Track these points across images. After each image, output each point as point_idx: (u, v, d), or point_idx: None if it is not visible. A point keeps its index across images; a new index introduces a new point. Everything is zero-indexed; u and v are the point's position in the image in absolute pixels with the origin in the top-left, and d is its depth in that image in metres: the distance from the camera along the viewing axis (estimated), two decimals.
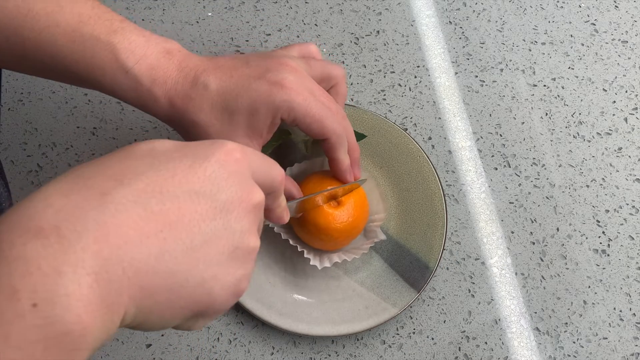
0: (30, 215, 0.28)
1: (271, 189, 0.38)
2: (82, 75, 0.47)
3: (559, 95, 0.69)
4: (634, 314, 0.60)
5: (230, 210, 0.33)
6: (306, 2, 0.73)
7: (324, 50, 0.71)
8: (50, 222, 0.27)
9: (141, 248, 0.29)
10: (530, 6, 0.74)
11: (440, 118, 0.68)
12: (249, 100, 0.48)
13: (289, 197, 0.53)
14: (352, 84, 0.69)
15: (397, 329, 0.58)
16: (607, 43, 0.72)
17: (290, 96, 0.48)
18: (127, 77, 0.47)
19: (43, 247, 0.27)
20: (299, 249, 0.56)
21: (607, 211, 0.64)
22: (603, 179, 0.65)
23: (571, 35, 0.73)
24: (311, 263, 0.56)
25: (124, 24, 0.47)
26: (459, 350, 0.58)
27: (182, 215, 0.31)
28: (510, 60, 0.71)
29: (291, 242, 0.56)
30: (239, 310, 0.59)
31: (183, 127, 0.50)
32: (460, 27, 0.73)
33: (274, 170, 0.38)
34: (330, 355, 0.57)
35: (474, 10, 0.74)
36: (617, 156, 0.66)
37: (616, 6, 0.75)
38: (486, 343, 0.58)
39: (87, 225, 0.28)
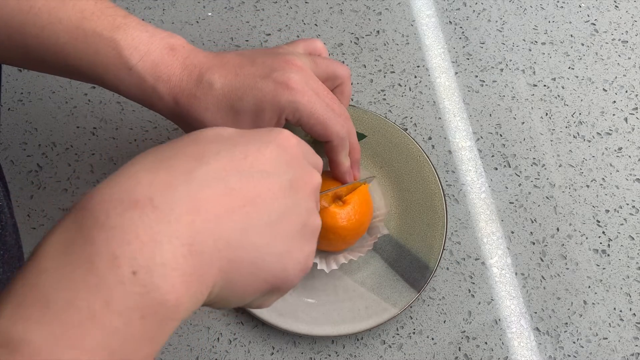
0: (123, 189, 0.28)
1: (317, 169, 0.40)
2: (85, 72, 0.47)
3: (559, 95, 0.69)
4: (634, 314, 0.60)
5: (297, 189, 0.35)
6: (306, 2, 0.73)
7: None
8: (144, 195, 0.28)
9: (229, 222, 0.30)
10: (530, 6, 0.74)
11: (440, 118, 0.68)
12: (254, 100, 0.48)
13: None
14: (352, 83, 0.69)
15: (397, 329, 0.58)
16: (607, 43, 0.72)
17: (296, 97, 0.47)
18: (131, 74, 0.47)
19: (139, 217, 0.27)
20: None
21: (607, 211, 0.64)
22: (603, 179, 0.65)
23: (571, 35, 0.73)
24: (318, 268, 0.56)
25: (127, 19, 0.47)
26: (459, 350, 0.58)
27: (259, 192, 0.32)
28: (510, 60, 0.71)
29: None
30: (239, 310, 0.59)
31: (188, 124, 0.49)
32: (460, 27, 0.73)
33: (318, 158, 0.40)
34: (330, 355, 0.57)
35: (474, 10, 0.74)
36: (617, 156, 0.66)
37: (616, 6, 0.75)
38: (486, 343, 0.58)
39: (178, 199, 0.29)
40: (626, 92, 0.70)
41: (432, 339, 0.58)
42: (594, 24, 0.73)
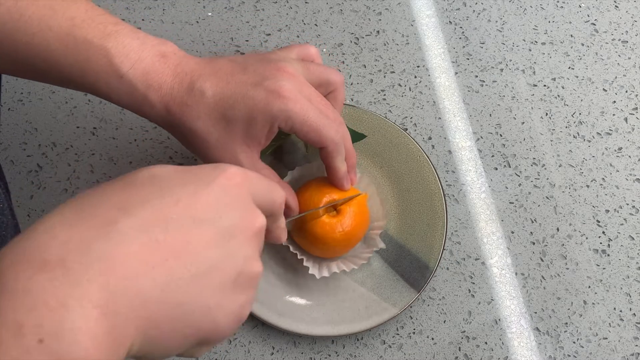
0: (35, 248, 0.27)
1: (271, 212, 0.39)
2: (76, 80, 0.47)
3: (559, 95, 0.69)
4: (634, 314, 0.60)
5: (233, 236, 0.33)
6: (306, 2, 0.74)
7: (324, 50, 0.71)
8: (55, 255, 0.27)
9: (147, 278, 0.29)
10: (530, 6, 0.74)
11: (440, 118, 0.68)
12: (246, 109, 0.47)
13: (287, 208, 0.53)
14: (352, 84, 0.69)
15: (397, 329, 0.58)
16: (607, 43, 0.72)
17: (288, 105, 0.47)
18: (122, 82, 0.46)
19: (49, 281, 0.26)
20: (299, 257, 0.56)
21: (607, 211, 0.64)
22: (603, 179, 0.65)
23: (571, 35, 0.73)
24: (310, 272, 0.56)
25: (118, 26, 0.47)
26: (459, 350, 0.58)
27: (186, 243, 0.30)
28: (510, 60, 0.71)
29: (291, 248, 0.56)
30: None
31: (180, 133, 0.49)
32: (460, 27, 0.73)
33: (275, 194, 0.38)
34: (330, 355, 0.57)
35: (474, 10, 0.74)
36: (617, 156, 0.66)
37: (616, 6, 0.75)
38: (486, 343, 0.58)
39: (92, 257, 0.27)
40: (626, 92, 0.70)
41: (432, 339, 0.58)
42: (594, 24, 0.73)
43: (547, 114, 0.68)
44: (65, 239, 0.28)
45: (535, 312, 0.59)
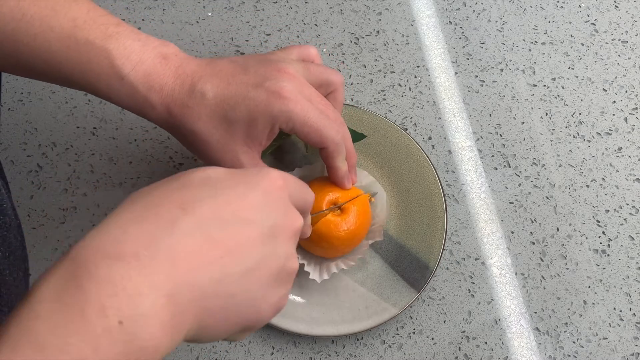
0: (112, 241, 0.31)
1: (304, 210, 0.41)
2: (77, 81, 0.47)
3: (559, 95, 0.69)
4: (634, 314, 0.60)
5: (276, 235, 0.36)
6: (306, 2, 0.74)
7: (324, 50, 0.71)
8: (129, 248, 0.30)
9: (205, 273, 0.32)
10: (530, 6, 0.74)
11: (440, 118, 0.68)
12: (246, 110, 0.47)
13: None
14: (352, 84, 0.69)
15: (397, 329, 0.58)
16: (607, 43, 0.72)
17: (288, 106, 0.47)
18: (123, 84, 0.46)
19: (125, 271, 0.30)
20: (300, 261, 0.56)
21: (607, 211, 0.64)
22: (603, 179, 0.65)
23: (571, 35, 0.73)
24: (310, 277, 0.56)
25: (120, 27, 0.47)
26: (459, 350, 0.58)
27: (238, 242, 0.34)
28: (510, 60, 0.71)
29: None
30: None
31: (181, 134, 0.49)
32: (460, 27, 0.73)
33: (308, 194, 0.41)
34: (330, 355, 0.57)
35: (474, 10, 0.74)
36: (617, 156, 0.66)
37: (616, 6, 0.75)
38: (486, 343, 0.58)
39: (160, 252, 0.31)
40: (626, 92, 0.70)
41: (432, 339, 0.58)
42: (594, 24, 0.73)
43: (547, 114, 0.68)
44: (137, 234, 0.31)
45: (535, 312, 0.59)
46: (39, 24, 0.45)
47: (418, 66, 0.70)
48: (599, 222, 0.63)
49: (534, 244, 0.62)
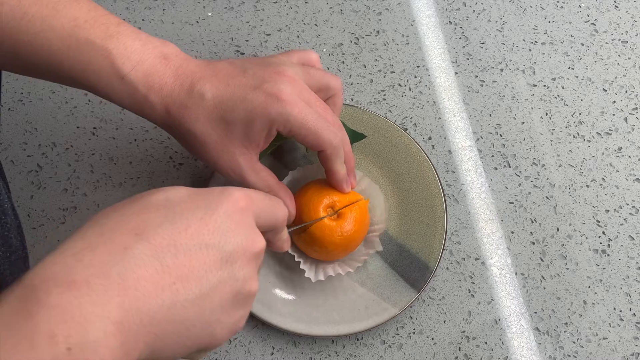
0: (64, 269, 0.31)
1: (274, 228, 0.41)
2: (77, 79, 0.47)
3: (559, 95, 0.69)
4: (634, 314, 0.60)
5: (235, 259, 0.36)
6: (306, 2, 0.74)
7: (324, 50, 0.71)
8: (81, 276, 0.31)
9: (157, 300, 0.32)
10: (530, 6, 0.74)
11: (440, 118, 0.68)
12: (244, 112, 0.47)
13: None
14: (352, 84, 0.69)
15: (397, 329, 0.58)
16: (607, 43, 0.72)
17: (286, 109, 0.47)
18: (123, 84, 0.47)
19: (76, 298, 0.30)
20: (296, 259, 0.56)
21: (607, 211, 0.64)
22: (603, 179, 0.65)
23: (571, 35, 0.73)
24: (306, 275, 0.56)
25: (121, 27, 0.47)
26: (459, 350, 0.58)
27: (192, 267, 0.34)
28: (510, 60, 0.71)
29: (289, 251, 0.56)
30: None
31: (180, 134, 0.49)
32: (460, 27, 0.73)
33: (278, 211, 0.41)
34: (330, 355, 0.57)
35: (474, 10, 0.74)
36: (617, 156, 0.66)
37: (616, 6, 0.75)
38: (486, 343, 0.58)
39: (111, 280, 0.31)
40: (626, 92, 0.70)
41: (432, 339, 0.58)
42: (594, 24, 0.73)
43: (547, 114, 0.68)
44: (89, 262, 0.32)
45: (535, 312, 0.59)
46: (40, 23, 0.45)
47: (418, 66, 0.70)
48: (599, 222, 0.63)
49: (534, 244, 0.62)
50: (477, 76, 0.70)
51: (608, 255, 0.62)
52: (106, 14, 0.47)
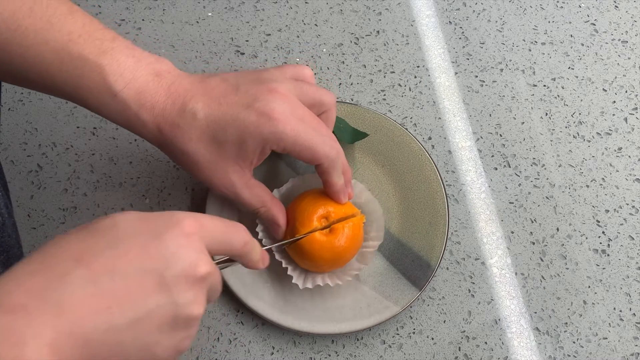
0: (4, 293, 0.33)
1: (232, 253, 0.41)
2: (69, 94, 0.47)
3: (559, 95, 0.69)
4: (634, 314, 0.60)
5: (175, 284, 0.36)
6: (306, 2, 0.74)
7: (324, 50, 0.71)
8: (19, 300, 0.32)
9: (91, 323, 0.33)
10: (530, 6, 0.74)
11: (440, 118, 0.68)
12: (237, 132, 0.47)
13: (275, 225, 0.54)
14: (352, 84, 0.69)
15: (397, 328, 0.58)
16: (607, 43, 0.72)
17: (278, 127, 0.47)
18: (115, 101, 0.46)
19: (12, 321, 0.32)
20: (283, 265, 0.55)
21: (607, 211, 0.64)
22: (603, 179, 0.65)
23: (571, 35, 0.73)
24: (293, 281, 0.55)
25: (115, 42, 0.46)
26: (459, 350, 0.58)
27: (129, 292, 0.35)
28: (510, 60, 0.71)
29: (277, 256, 0.56)
30: (239, 310, 0.59)
31: (172, 152, 0.50)
32: (460, 27, 0.73)
33: (233, 238, 0.41)
34: (330, 355, 0.57)
35: (474, 10, 0.74)
36: (617, 156, 0.66)
37: (616, 6, 0.75)
38: (486, 343, 0.58)
39: (48, 304, 0.33)
40: (626, 92, 0.70)
41: (432, 338, 0.58)
42: (594, 24, 0.74)
43: (547, 114, 0.68)
44: (28, 287, 0.33)
45: (535, 312, 0.59)
46: (33, 36, 0.44)
47: (418, 66, 0.70)
48: (599, 222, 0.63)
49: (534, 244, 0.62)
50: (477, 76, 0.70)
51: (608, 255, 0.62)
52: (101, 29, 0.47)
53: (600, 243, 0.62)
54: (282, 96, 0.48)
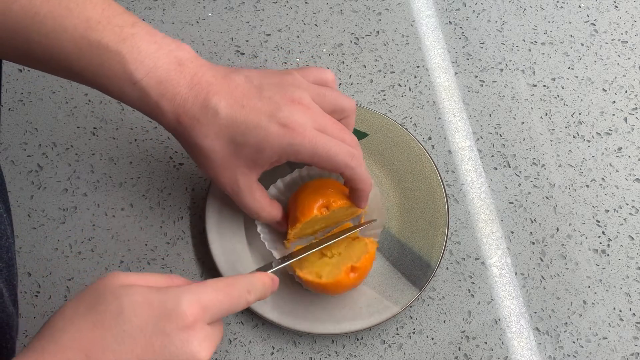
0: None
1: (238, 311, 0.43)
2: (88, 80, 0.47)
3: (558, 95, 0.69)
4: (634, 314, 0.60)
5: None
6: (306, 2, 0.74)
7: (324, 50, 0.71)
8: None
9: None
10: (530, 6, 0.74)
11: (440, 118, 0.68)
12: (256, 139, 0.48)
13: (273, 224, 0.55)
14: (352, 84, 0.69)
15: (397, 328, 0.58)
16: (607, 43, 0.72)
17: (297, 140, 0.48)
18: (135, 89, 0.46)
19: None
20: (267, 247, 0.56)
21: (607, 211, 0.64)
22: (603, 179, 0.65)
23: (571, 35, 0.73)
24: (267, 247, 0.56)
25: (136, 28, 0.46)
26: (459, 350, 0.58)
27: None
28: (510, 60, 0.71)
29: (267, 245, 0.56)
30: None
31: (186, 143, 0.50)
32: (460, 27, 0.73)
33: (234, 305, 0.42)
34: (330, 355, 0.57)
35: (474, 10, 0.74)
36: (617, 156, 0.66)
37: (616, 6, 0.75)
38: (486, 343, 0.58)
39: None
40: (626, 92, 0.70)
41: (432, 338, 0.58)
42: (594, 24, 0.74)
43: (546, 114, 0.68)
44: None
45: (535, 312, 0.59)
46: (52, 23, 0.44)
47: (418, 66, 0.70)
48: (598, 222, 0.63)
49: (533, 244, 0.62)
50: (477, 76, 0.70)
51: (608, 255, 0.62)
52: (121, 13, 0.46)
53: (600, 243, 0.62)
54: (304, 108, 0.49)
